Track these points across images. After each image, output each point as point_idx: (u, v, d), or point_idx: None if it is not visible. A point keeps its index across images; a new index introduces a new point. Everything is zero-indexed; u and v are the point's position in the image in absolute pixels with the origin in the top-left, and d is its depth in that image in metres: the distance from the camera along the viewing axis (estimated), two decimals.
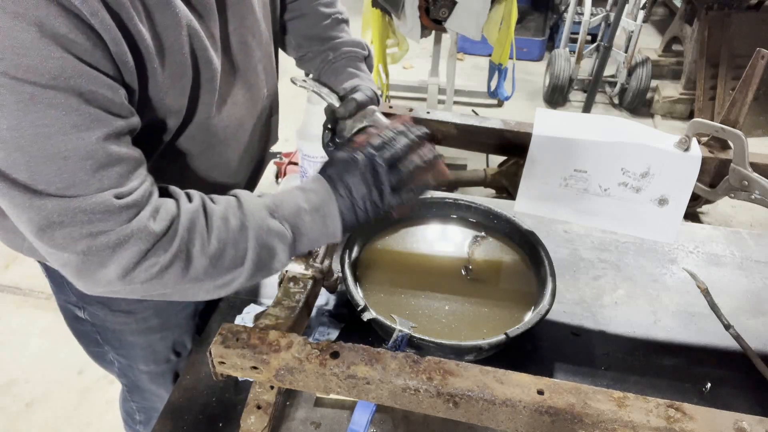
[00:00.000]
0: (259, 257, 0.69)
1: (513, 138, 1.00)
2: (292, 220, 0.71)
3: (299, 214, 0.71)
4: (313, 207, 0.72)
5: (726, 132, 0.88)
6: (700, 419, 0.59)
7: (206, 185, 0.87)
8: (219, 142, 0.84)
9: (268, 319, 0.76)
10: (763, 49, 0.87)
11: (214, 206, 0.68)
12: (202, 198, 0.69)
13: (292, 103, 2.53)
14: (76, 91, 0.56)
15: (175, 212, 0.65)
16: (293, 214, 0.71)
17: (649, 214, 0.93)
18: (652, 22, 5.02)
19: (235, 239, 0.67)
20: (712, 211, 2.97)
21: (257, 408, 0.78)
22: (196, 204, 0.67)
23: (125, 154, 0.62)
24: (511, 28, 2.56)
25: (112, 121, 0.60)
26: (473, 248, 1.06)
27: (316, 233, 0.73)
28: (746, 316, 1.04)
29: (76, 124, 0.56)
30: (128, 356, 1.07)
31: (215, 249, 0.66)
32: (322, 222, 0.73)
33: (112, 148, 0.60)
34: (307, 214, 0.72)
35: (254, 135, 0.93)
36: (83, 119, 0.57)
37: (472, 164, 2.94)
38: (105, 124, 0.59)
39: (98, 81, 0.58)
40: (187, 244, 0.65)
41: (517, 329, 0.85)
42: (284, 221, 0.70)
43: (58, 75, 0.54)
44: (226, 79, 0.80)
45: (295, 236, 0.71)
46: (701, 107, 3.49)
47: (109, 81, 0.59)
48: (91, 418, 1.89)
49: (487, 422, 0.64)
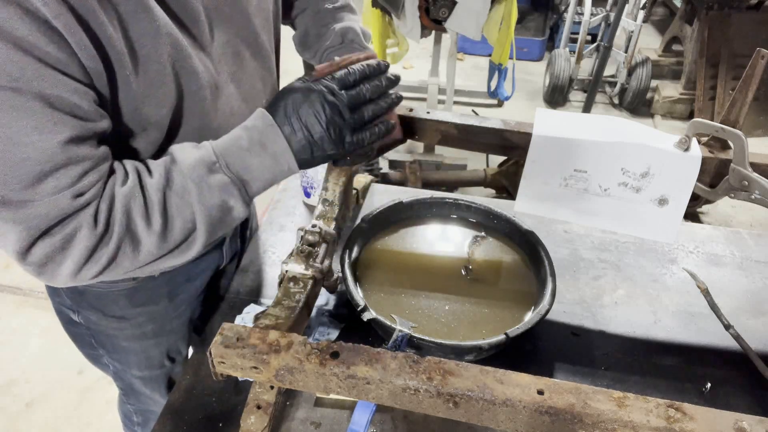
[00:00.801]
0: (210, 216, 0.69)
1: (513, 138, 1.00)
2: (237, 168, 0.69)
3: (244, 159, 0.69)
4: (260, 146, 0.70)
5: (726, 132, 0.88)
6: (700, 419, 0.59)
7: None
8: None
9: (268, 319, 0.76)
10: (763, 49, 0.87)
11: (150, 180, 0.67)
12: (137, 174, 0.68)
13: None
14: (39, 94, 0.55)
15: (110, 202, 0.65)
16: (238, 161, 0.69)
17: (649, 214, 0.93)
18: (652, 22, 5.02)
19: (178, 208, 0.67)
20: (712, 211, 2.97)
21: (257, 408, 0.78)
22: (130, 184, 0.66)
23: (87, 154, 0.62)
24: (511, 28, 2.56)
25: (76, 124, 0.60)
26: (473, 248, 1.06)
27: (268, 173, 0.71)
28: (746, 316, 1.04)
29: (37, 127, 0.56)
30: (122, 361, 1.07)
31: (160, 224, 0.66)
32: (273, 161, 0.70)
33: (74, 150, 0.60)
34: (254, 156, 0.70)
35: None
36: (45, 122, 0.57)
37: (472, 164, 2.95)
38: (68, 127, 0.59)
39: (63, 84, 0.57)
40: (128, 227, 0.65)
41: (517, 329, 0.85)
42: (227, 171, 0.69)
43: (19, 77, 0.54)
44: (218, 90, 0.79)
45: (244, 183, 0.70)
46: (701, 107, 3.49)
47: (75, 84, 0.58)
48: (91, 418, 1.89)
49: (487, 422, 0.64)
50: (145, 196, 0.66)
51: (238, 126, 0.73)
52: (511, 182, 2.63)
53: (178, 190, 0.67)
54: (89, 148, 0.62)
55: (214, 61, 0.77)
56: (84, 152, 0.61)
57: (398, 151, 3.00)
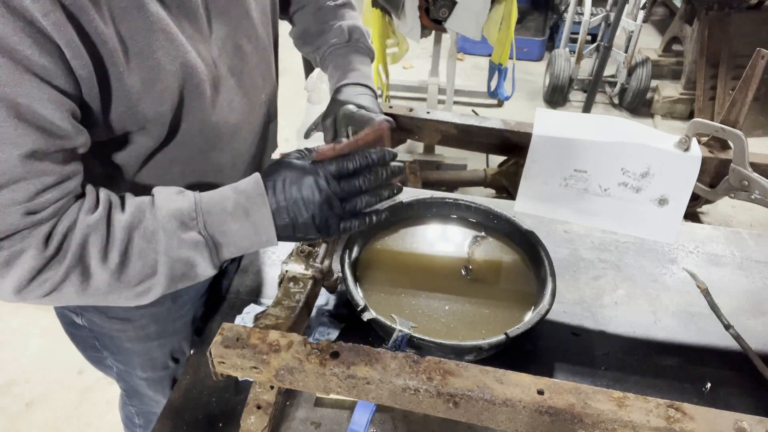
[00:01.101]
0: (172, 268, 0.67)
1: (513, 138, 1.00)
2: (214, 229, 0.68)
3: (224, 222, 0.68)
4: (244, 212, 0.68)
5: (726, 132, 0.88)
6: (700, 419, 0.59)
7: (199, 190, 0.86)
8: (212, 148, 0.83)
9: (268, 319, 0.76)
10: (763, 49, 0.87)
11: (120, 216, 0.65)
12: (108, 206, 0.66)
13: (292, 103, 2.53)
14: (8, 102, 0.53)
15: (68, 227, 0.62)
16: (217, 222, 0.68)
17: (649, 214, 0.93)
18: (652, 22, 5.02)
19: (141, 251, 0.65)
20: (712, 211, 2.96)
21: (257, 408, 0.78)
22: (97, 216, 0.64)
23: (47, 170, 0.59)
24: (511, 28, 2.56)
25: (42, 139, 0.57)
26: (473, 248, 1.06)
27: (245, 241, 0.70)
28: (746, 316, 1.04)
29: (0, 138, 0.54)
30: (126, 362, 1.07)
31: (116, 263, 0.64)
32: (253, 230, 0.69)
33: (34, 164, 0.57)
34: (235, 221, 0.68)
35: (250, 141, 0.92)
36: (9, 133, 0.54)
37: (472, 164, 2.94)
38: (33, 140, 0.56)
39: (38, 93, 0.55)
40: (81, 259, 0.62)
41: (517, 329, 0.85)
42: (204, 230, 0.67)
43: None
44: (218, 84, 0.79)
45: (217, 245, 0.69)
46: (701, 107, 3.49)
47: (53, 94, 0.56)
48: (91, 418, 1.89)
49: (487, 422, 0.64)
50: (108, 231, 0.64)
51: (230, 185, 0.71)
52: (511, 182, 2.63)
53: (147, 234, 0.65)
54: (53, 164, 0.60)
55: (213, 56, 0.77)
56: (45, 168, 0.59)
57: (398, 151, 3.00)
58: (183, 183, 0.82)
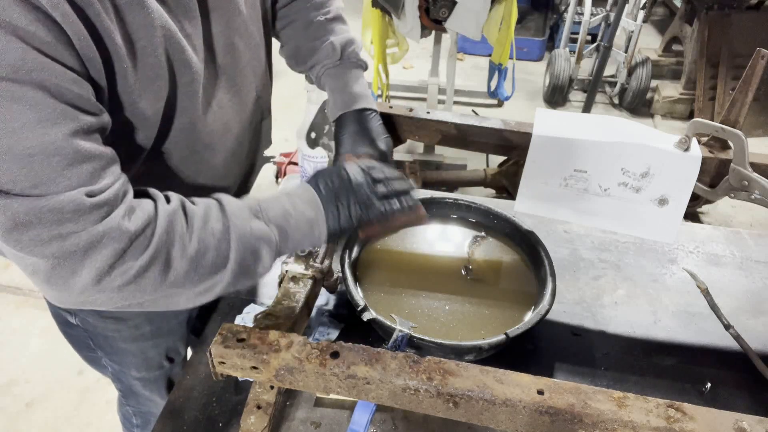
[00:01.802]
0: (242, 259, 0.67)
1: (513, 138, 1.00)
2: (278, 222, 0.71)
3: (286, 217, 0.71)
4: (300, 212, 0.72)
5: (726, 132, 0.88)
6: (700, 419, 0.59)
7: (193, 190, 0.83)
8: (204, 146, 0.82)
9: (268, 319, 0.76)
10: (763, 49, 0.87)
11: (194, 207, 0.67)
12: (181, 199, 0.67)
13: (292, 103, 2.52)
14: (39, 85, 0.53)
15: (152, 212, 0.62)
16: (279, 216, 0.71)
17: (649, 214, 0.93)
18: (652, 22, 5.02)
19: (217, 240, 0.66)
20: (712, 211, 2.97)
21: (257, 408, 0.78)
22: (174, 205, 0.65)
23: (96, 151, 0.59)
24: (511, 28, 2.56)
25: (80, 117, 0.57)
26: (473, 248, 1.06)
27: (300, 236, 0.73)
28: (746, 316, 1.04)
29: (41, 119, 0.54)
30: (120, 362, 1.07)
31: (195, 251, 0.64)
32: (309, 227, 0.73)
33: (81, 144, 0.57)
34: (293, 217, 0.71)
35: (243, 139, 0.92)
36: (49, 114, 0.54)
37: (472, 164, 2.95)
38: (73, 119, 0.56)
39: (63, 75, 0.55)
40: (166, 245, 0.62)
41: (517, 329, 0.85)
42: (270, 223, 0.70)
43: (19, 67, 0.52)
44: (210, 82, 0.78)
45: (281, 238, 0.71)
46: (701, 107, 3.49)
47: (74, 76, 0.56)
48: (91, 418, 1.89)
49: (487, 422, 0.64)
50: (187, 219, 0.65)
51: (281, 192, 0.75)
52: (511, 182, 2.63)
53: (221, 225, 0.66)
54: (96, 144, 0.59)
55: (206, 53, 0.76)
56: (91, 148, 0.58)
57: (398, 151, 3.00)
58: (174, 180, 0.82)
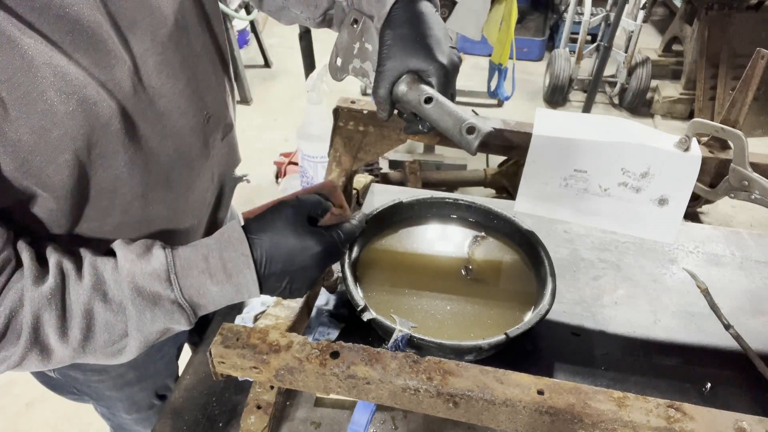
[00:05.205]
0: (146, 340, 0.63)
1: (513, 138, 1.00)
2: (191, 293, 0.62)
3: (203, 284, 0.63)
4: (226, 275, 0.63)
5: (726, 132, 0.88)
6: (700, 419, 0.59)
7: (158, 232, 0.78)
8: (153, 186, 0.73)
9: (268, 319, 0.76)
10: (763, 49, 0.87)
11: (78, 288, 0.59)
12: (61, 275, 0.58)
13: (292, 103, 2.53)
14: None
15: (13, 304, 0.56)
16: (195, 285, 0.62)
17: (649, 214, 0.93)
18: (652, 22, 5.01)
19: (108, 325, 0.60)
20: (712, 211, 2.97)
21: (257, 408, 0.78)
22: (47, 288, 0.57)
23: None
24: (511, 28, 2.56)
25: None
26: (473, 248, 1.06)
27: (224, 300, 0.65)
28: (746, 316, 1.04)
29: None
30: (109, 406, 1.04)
31: (79, 339, 0.59)
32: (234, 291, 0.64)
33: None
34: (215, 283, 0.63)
35: (202, 165, 0.81)
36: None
37: (472, 164, 2.94)
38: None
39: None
40: (37, 339, 0.57)
41: (517, 329, 0.85)
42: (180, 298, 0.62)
43: None
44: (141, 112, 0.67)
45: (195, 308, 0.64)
46: (701, 107, 3.49)
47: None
48: (92, 419, 1.89)
49: (487, 422, 0.64)
50: (65, 306, 0.58)
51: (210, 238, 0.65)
52: (511, 182, 2.63)
53: (113, 307, 0.59)
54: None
55: (130, 80, 0.64)
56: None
57: (398, 151, 3.00)
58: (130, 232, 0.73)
